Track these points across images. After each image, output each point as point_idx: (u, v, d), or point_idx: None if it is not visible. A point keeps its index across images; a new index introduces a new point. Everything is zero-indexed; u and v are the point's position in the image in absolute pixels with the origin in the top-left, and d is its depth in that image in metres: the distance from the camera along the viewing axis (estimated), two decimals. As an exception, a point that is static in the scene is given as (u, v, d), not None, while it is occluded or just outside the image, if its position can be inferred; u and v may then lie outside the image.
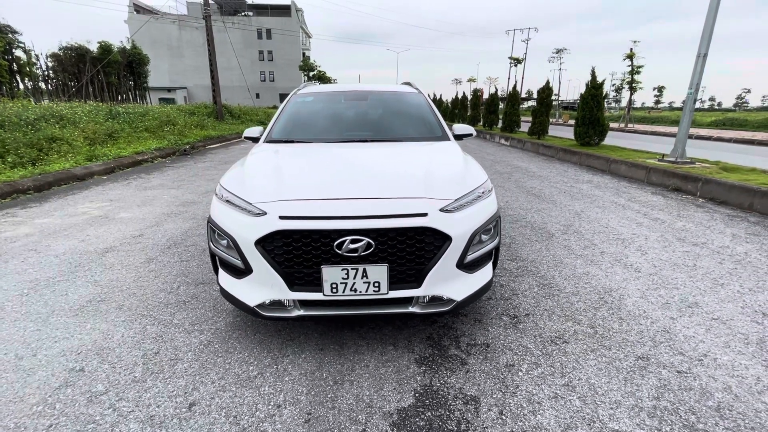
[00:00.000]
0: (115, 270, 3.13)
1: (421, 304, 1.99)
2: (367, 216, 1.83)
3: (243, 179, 2.17)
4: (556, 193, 5.88)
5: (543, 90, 12.58)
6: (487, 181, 2.27)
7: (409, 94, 3.58)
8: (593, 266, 3.20)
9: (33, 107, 10.73)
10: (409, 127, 3.15)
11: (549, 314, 2.46)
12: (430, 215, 1.86)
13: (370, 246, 1.81)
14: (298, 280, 1.89)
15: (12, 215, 4.66)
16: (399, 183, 2.07)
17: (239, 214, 1.93)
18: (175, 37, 49.60)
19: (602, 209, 4.98)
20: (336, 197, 1.92)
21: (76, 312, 2.49)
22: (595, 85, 9.61)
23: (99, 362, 2.01)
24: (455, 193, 2.02)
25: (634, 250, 3.57)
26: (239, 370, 1.95)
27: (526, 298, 2.68)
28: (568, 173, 7.74)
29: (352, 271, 1.83)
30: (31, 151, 7.84)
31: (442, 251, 1.88)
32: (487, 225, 2.05)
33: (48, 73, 25.09)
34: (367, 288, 1.86)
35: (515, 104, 15.21)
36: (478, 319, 2.41)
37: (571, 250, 3.57)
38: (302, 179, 2.13)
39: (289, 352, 2.09)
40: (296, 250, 1.84)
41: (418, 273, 1.90)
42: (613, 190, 6.13)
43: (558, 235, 3.99)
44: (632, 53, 25.25)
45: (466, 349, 2.12)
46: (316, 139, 2.93)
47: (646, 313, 2.48)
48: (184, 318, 2.43)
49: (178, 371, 1.93)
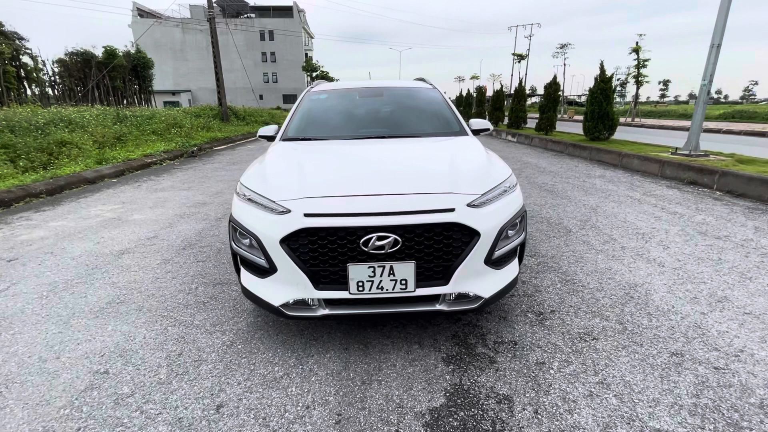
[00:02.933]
0: (132, 271, 3.12)
1: (448, 302, 1.95)
2: (394, 212, 1.79)
3: (265, 177, 2.14)
4: (570, 189, 5.80)
5: (550, 85, 12.46)
6: (512, 176, 2.22)
7: (423, 89, 3.53)
8: (615, 261, 3.14)
9: (42, 112, 10.81)
10: (426, 122, 3.10)
11: (575, 311, 2.41)
12: (457, 210, 1.82)
13: (397, 243, 1.77)
14: (324, 279, 1.85)
15: (26, 219, 4.67)
16: (424, 178, 2.03)
17: (262, 212, 1.90)
18: (178, 41, 49.87)
19: (618, 204, 4.90)
20: (361, 193, 1.88)
21: (96, 314, 2.48)
22: (605, 78, 9.49)
23: (123, 364, 1.99)
24: (481, 188, 1.98)
25: (655, 244, 3.50)
26: (264, 370, 1.92)
27: (550, 294, 2.63)
28: (579, 168, 7.65)
29: (379, 268, 1.79)
30: (42, 156, 7.90)
31: (471, 247, 1.83)
32: (514, 220, 2.01)
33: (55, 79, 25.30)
34: (394, 286, 1.82)
35: (521, 100, 15.10)
36: (503, 317, 2.36)
37: (591, 245, 3.51)
38: (325, 176, 2.10)
39: (314, 352, 2.06)
40: (322, 248, 1.80)
41: (445, 270, 1.86)
42: (627, 185, 6.05)
43: (576, 230, 3.93)
44: (638, 47, 24.97)
45: (494, 347, 2.07)
46: (332, 136, 2.90)
47: (675, 308, 2.42)
48: (204, 319, 2.41)
49: (203, 372, 1.91)
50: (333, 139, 2.85)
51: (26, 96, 18.36)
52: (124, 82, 26.29)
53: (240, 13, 52.90)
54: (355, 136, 2.84)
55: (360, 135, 2.86)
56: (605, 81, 9.50)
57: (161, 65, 41.13)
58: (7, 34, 20.62)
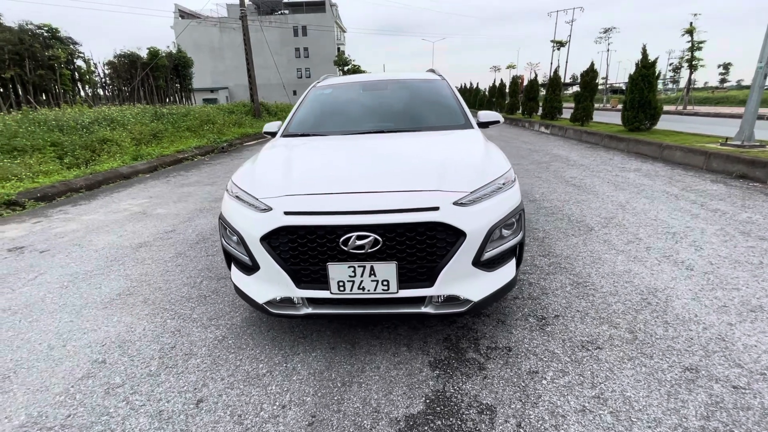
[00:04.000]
0: (145, 264, 3.25)
1: (435, 305, 1.86)
2: (374, 211, 1.72)
3: (253, 175, 2.14)
4: (599, 183, 5.44)
5: (587, 72, 11.74)
6: (510, 171, 2.08)
7: (430, 81, 3.41)
8: (636, 263, 2.89)
9: (88, 111, 11.60)
10: (430, 115, 2.98)
11: (581, 316, 2.24)
12: (442, 209, 1.72)
13: (377, 242, 1.70)
14: (305, 278, 1.82)
15: (64, 212, 5.02)
16: (411, 175, 1.94)
17: (247, 209, 1.90)
18: (216, 40, 51.74)
19: (651, 200, 4.53)
20: (343, 191, 1.83)
21: (106, 305, 2.61)
22: (646, 64, 8.80)
23: (120, 354, 2.07)
24: (472, 185, 1.86)
25: (686, 245, 3.19)
26: (249, 367, 1.93)
27: (557, 297, 2.46)
28: (614, 161, 7.16)
29: (359, 268, 1.74)
30: (86, 153, 8.46)
31: (456, 248, 1.73)
32: (509, 219, 1.88)
33: (105, 80, 27.07)
34: (376, 286, 1.76)
35: (556, 89, 14.36)
36: (502, 320, 2.24)
37: (612, 245, 3.26)
38: (311, 173, 2.06)
39: (300, 350, 2.04)
40: (302, 247, 1.77)
41: (430, 271, 1.77)
42: (664, 179, 5.58)
43: (598, 228, 3.67)
44: (692, 27, 22.97)
45: (486, 352, 1.96)
46: (332, 131, 2.86)
47: (697, 317, 2.18)
48: (203, 312, 2.46)
49: (191, 366, 1.95)
50: (332, 134, 2.81)
51: (80, 97, 19.71)
52: (166, 81, 27.58)
53: (274, 10, 54.00)
54: (355, 131, 2.79)
55: (360, 130, 2.80)
56: (647, 66, 8.80)
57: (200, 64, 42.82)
58: (63, 40, 22.11)
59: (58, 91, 21.88)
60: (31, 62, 20.36)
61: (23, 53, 20.28)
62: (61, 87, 22.51)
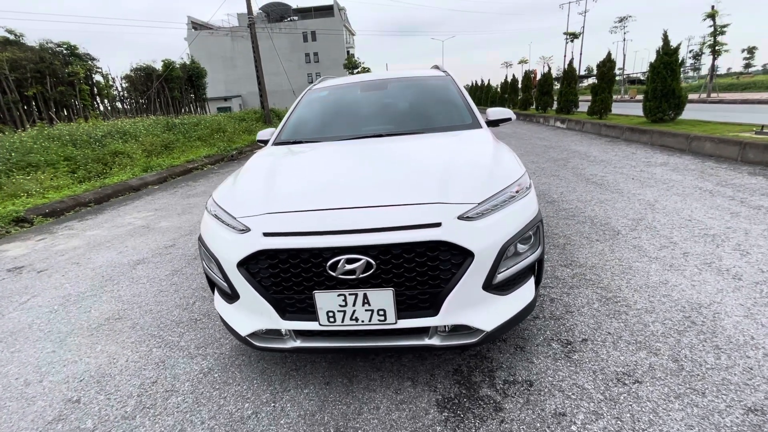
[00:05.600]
0: (140, 284, 3.10)
1: (442, 335, 1.61)
2: (366, 229, 1.48)
3: (233, 191, 1.93)
4: (623, 180, 5.05)
5: (604, 63, 11.22)
6: (524, 176, 1.80)
7: (433, 78, 3.15)
8: (674, 272, 2.56)
9: (102, 125, 11.76)
10: (433, 115, 2.72)
11: (614, 340, 1.94)
12: (444, 225, 1.47)
13: (370, 266, 1.46)
14: (290, 308, 1.60)
15: (69, 228, 4.97)
16: (410, 185, 1.69)
17: (224, 230, 1.69)
18: (228, 49, 52.58)
19: (683, 197, 4.14)
20: (331, 207, 1.60)
21: (92, 331, 2.45)
22: (668, 51, 8.29)
23: (96, 392, 1.89)
24: (479, 195, 1.60)
25: (730, 249, 2.83)
26: (233, 407, 1.71)
27: (584, 317, 2.16)
28: (637, 156, 6.72)
29: (351, 297, 1.50)
30: (98, 166, 8.53)
31: (463, 270, 1.47)
32: (525, 233, 1.61)
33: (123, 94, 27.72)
34: (371, 317, 1.52)
35: (571, 82, 13.83)
36: (520, 346, 1.96)
37: (643, 251, 2.93)
38: (297, 187, 1.84)
39: (291, 386, 1.82)
40: (284, 273, 1.54)
41: (433, 298, 1.52)
42: (696, 173, 5.15)
43: (625, 232, 3.33)
44: (714, 11, 21.92)
45: (503, 388, 1.69)
46: (326, 137, 2.63)
47: (755, 340, 1.86)
48: (191, 339, 2.27)
49: (170, 406, 1.75)
50: (326, 140, 2.58)
51: (94, 111, 20.20)
52: (181, 92, 28.09)
53: (284, 17, 54.53)
54: (351, 136, 2.55)
55: (357, 134, 2.56)
56: (669, 53, 8.29)
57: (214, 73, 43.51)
58: (81, 56, 22.70)
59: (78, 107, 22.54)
60: (52, 79, 21.02)
61: (44, 71, 20.94)
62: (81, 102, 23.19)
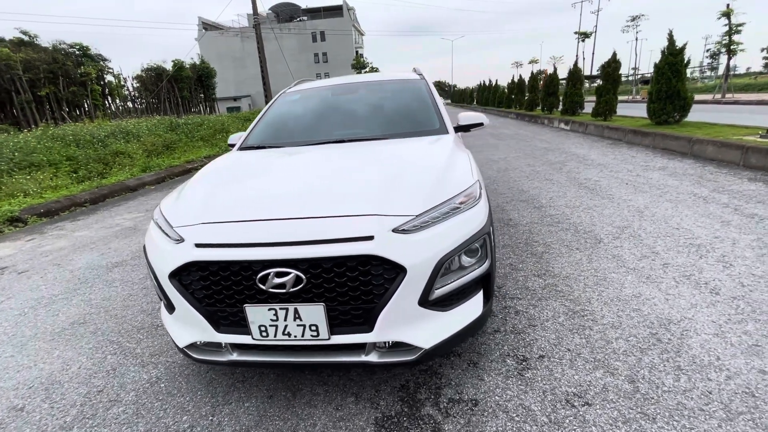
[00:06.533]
0: (113, 287, 3.10)
1: (380, 352, 1.55)
2: (296, 242, 1.43)
3: (177, 198, 1.90)
4: (616, 186, 4.91)
5: (609, 63, 10.97)
6: (474, 186, 1.73)
7: (406, 81, 3.08)
8: (649, 285, 2.46)
9: (106, 125, 11.94)
10: (399, 120, 2.66)
11: (572, 358, 1.86)
12: (377, 239, 1.41)
13: (300, 280, 1.41)
14: (224, 321, 1.56)
15: (60, 228, 5.02)
16: (350, 196, 1.63)
17: (161, 239, 1.66)
18: (238, 49, 53.08)
19: (674, 204, 4.00)
20: (264, 218, 1.55)
21: (54, 336, 2.44)
22: (673, 51, 8.06)
23: (42, 399, 1.87)
24: (419, 206, 1.54)
25: (713, 260, 2.71)
26: (171, 420, 1.68)
27: (546, 331, 2.08)
28: (636, 159, 6.54)
29: (282, 311, 1.45)
30: (98, 166, 8.64)
31: (396, 286, 1.41)
32: (468, 245, 1.54)
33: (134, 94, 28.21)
34: (303, 332, 1.47)
35: (577, 83, 13.56)
36: (474, 362, 1.89)
37: (622, 261, 2.82)
38: (237, 196, 1.79)
39: (234, 399, 1.78)
40: (215, 285, 1.50)
41: (367, 313, 1.46)
42: (693, 178, 4.98)
43: (608, 240, 3.22)
44: (729, 10, 21.36)
45: (446, 407, 1.63)
46: (290, 142, 2.59)
47: (720, 361, 1.76)
48: (148, 346, 2.25)
49: (110, 417, 1.72)
50: (290, 145, 2.54)
51: (110, 111, 20.65)
52: (190, 92, 28.45)
53: (293, 17, 54.83)
54: (314, 141, 2.51)
55: (319, 140, 2.51)
56: (674, 53, 8.06)
57: (224, 73, 43.92)
58: (93, 57, 23.14)
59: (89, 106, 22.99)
60: (65, 80, 21.45)
61: (57, 72, 21.38)
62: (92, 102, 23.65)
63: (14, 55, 19.49)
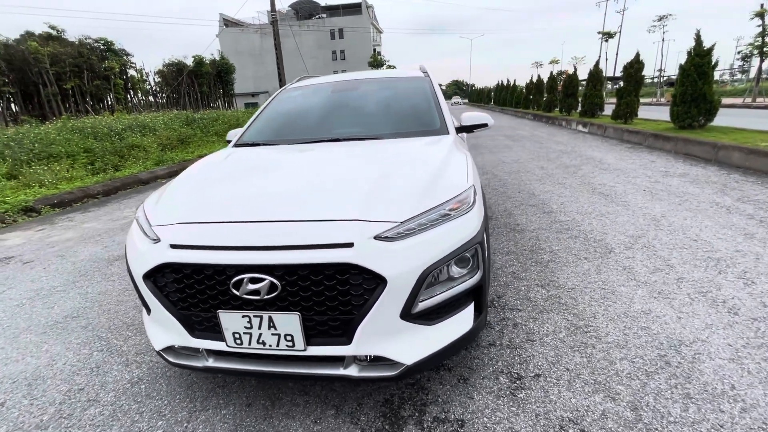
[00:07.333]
0: (110, 281, 3.10)
1: (361, 365, 1.46)
2: (272, 246, 1.35)
3: (160, 196, 1.85)
4: (632, 192, 4.69)
5: (631, 64, 10.58)
6: (467, 192, 1.62)
7: (409, 79, 2.97)
8: (661, 301, 2.29)
9: (124, 118, 12.18)
10: (398, 119, 2.55)
11: (570, 378, 1.73)
12: (357, 246, 1.32)
13: (275, 287, 1.33)
14: (198, 325, 1.49)
15: (69, 220, 5.10)
16: (334, 198, 1.55)
17: (139, 238, 1.60)
18: (257, 46, 53.65)
19: (694, 213, 3.78)
20: (241, 219, 1.48)
21: (46, 329, 2.44)
22: (700, 52, 7.69)
23: (23, 395, 1.85)
24: (405, 212, 1.44)
25: (733, 276, 2.52)
26: (146, 425, 1.63)
27: (545, 347, 1.95)
28: (656, 165, 6.26)
29: (256, 319, 1.38)
30: (114, 158, 8.80)
31: (375, 297, 1.32)
32: (457, 254, 1.43)
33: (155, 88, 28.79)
34: (278, 341, 1.40)
35: (597, 84, 13.15)
36: (465, 378, 1.78)
37: (633, 273, 2.65)
38: (218, 195, 1.73)
39: (212, 405, 1.72)
40: (189, 288, 1.44)
41: (345, 325, 1.38)
42: (717, 186, 4.72)
43: (619, 250, 3.04)
44: (763, 10, 20.42)
45: (430, 427, 1.53)
46: (285, 140, 2.52)
47: (735, 390, 1.60)
48: (135, 344, 2.21)
49: (85, 419, 1.68)
50: (285, 143, 2.47)
51: (132, 105, 21.15)
52: (209, 87, 28.88)
53: (312, 15, 55.10)
54: (309, 140, 2.43)
55: (314, 138, 2.43)
56: (701, 54, 7.69)
57: (242, 70, 44.48)
58: (117, 52, 23.66)
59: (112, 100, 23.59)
60: (89, 73, 22.05)
61: (82, 65, 21.98)
62: (115, 95, 24.25)
63: (42, 49, 20.11)
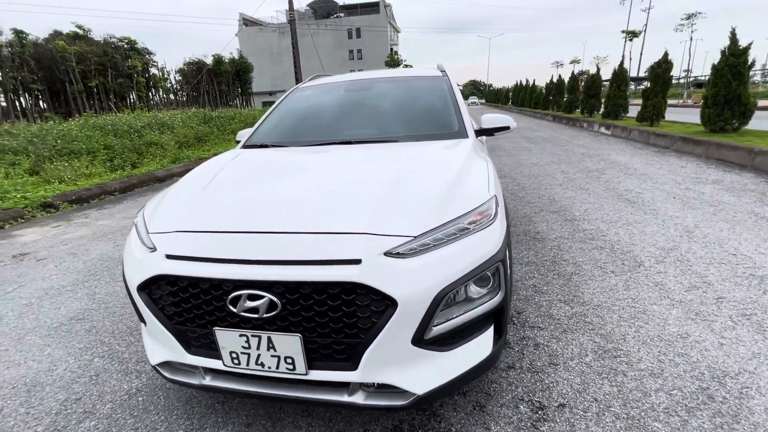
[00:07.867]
0: (118, 282, 3.06)
1: (367, 392, 1.33)
2: (272, 261, 1.24)
3: (161, 200, 1.76)
4: (661, 199, 4.42)
5: (659, 64, 10.15)
6: (489, 202, 1.46)
7: (426, 79, 2.82)
8: (699, 323, 2.09)
9: (143, 116, 12.38)
10: (414, 121, 2.41)
11: (599, 411, 1.56)
12: (364, 263, 1.19)
13: (274, 306, 1.22)
14: (195, 342, 1.39)
15: (85, 216, 5.14)
16: (341, 209, 1.42)
17: (136, 246, 1.51)
18: (275, 45, 54.18)
19: (731, 224, 3.51)
20: (242, 229, 1.37)
21: (50, 331, 2.40)
22: (735, 51, 7.28)
23: (20, 403, 1.80)
24: (419, 226, 1.30)
25: (779, 297, 2.29)
26: (140, 442, 1.54)
27: (570, 373, 1.78)
28: (686, 170, 5.93)
29: (254, 339, 1.27)
30: (132, 155, 8.92)
31: (384, 321, 1.19)
32: (477, 274, 1.29)
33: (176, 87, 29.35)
34: (278, 364, 1.28)
35: (621, 85, 12.69)
36: (481, 404, 1.63)
37: (666, 290, 2.45)
38: (219, 201, 1.62)
39: (209, 423, 1.62)
40: (185, 303, 1.34)
41: (351, 349, 1.25)
42: (754, 195, 4.41)
43: (649, 264, 2.83)
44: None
45: (442, 461, 1.39)
46: (295, 142, 2.41)
47: (791, 434, 1.41)
48: (136, 351, 2.14)
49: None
50: (295, 145, 2.36)
51: (153, 103, 21.59)
52: (228, 86, 29.26)
53: (330, 14, 55.31)
54: (319, 142, 2.31)
55: (325, 140, 2.32)
56: (737, 54, 7.27)
57: (261, 68, 44.95)
58: (140, 51, 24.18)
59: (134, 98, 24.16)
60: (113, 72, 22.62)
61: (106, 64, 22.55)
62: (137, 93, 24.82)
63: (69, 48, 20.70)
